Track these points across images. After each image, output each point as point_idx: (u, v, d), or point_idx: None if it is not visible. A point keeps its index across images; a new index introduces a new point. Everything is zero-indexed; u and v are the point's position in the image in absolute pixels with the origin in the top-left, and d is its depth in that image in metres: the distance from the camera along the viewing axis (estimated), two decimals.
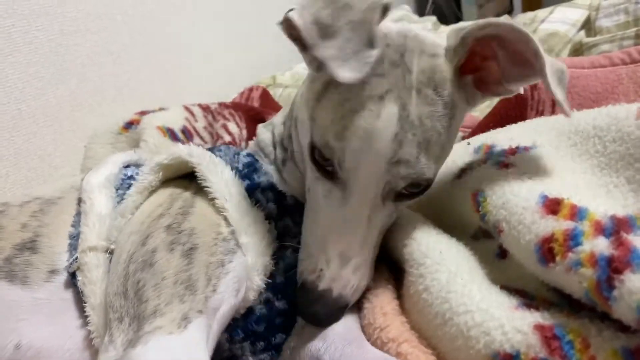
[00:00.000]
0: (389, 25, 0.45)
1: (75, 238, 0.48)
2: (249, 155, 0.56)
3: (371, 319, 0.44)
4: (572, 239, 0.32)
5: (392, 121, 0.41)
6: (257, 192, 0.50)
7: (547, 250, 0.34)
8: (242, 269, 0.43)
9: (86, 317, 0.43)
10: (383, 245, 0.49)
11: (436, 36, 0.46)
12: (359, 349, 0.42)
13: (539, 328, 0.33)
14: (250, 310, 0.45)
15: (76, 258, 0.46)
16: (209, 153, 0.51)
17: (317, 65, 0.45)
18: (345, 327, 0.45)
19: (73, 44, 1.19)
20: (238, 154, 0.56)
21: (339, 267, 0.44)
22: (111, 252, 0.46)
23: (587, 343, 0.31)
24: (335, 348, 0.43)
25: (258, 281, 0.45)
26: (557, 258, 0.33)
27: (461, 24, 0.48)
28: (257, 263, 0.45)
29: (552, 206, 0.35)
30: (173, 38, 1.44)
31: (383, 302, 0.46)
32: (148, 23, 1.30)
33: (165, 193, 0.49)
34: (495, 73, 0.46)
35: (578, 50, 0.97)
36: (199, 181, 0.47)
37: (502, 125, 0.58)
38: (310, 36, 0.38)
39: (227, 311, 0.41)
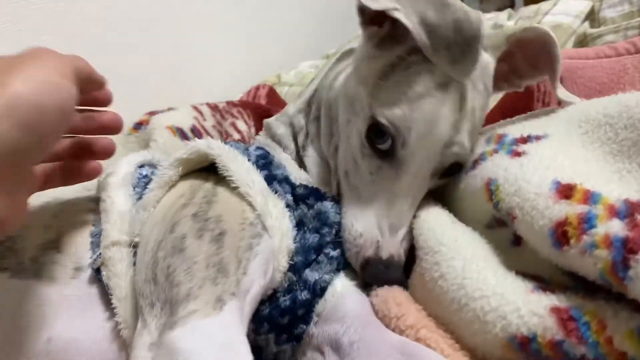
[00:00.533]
0: None
1: (97, 236, 0.48)
2: (259, 148, 0.56)
3: (385, 311, 0.44)
4: (587, 222, 0.33)
5: (454, 109, 0.47)
6: (275, 183, 0.51)
7: (561, 234, 0.34)
8: (269, 251, 0.44)
9: (113, 309, 0.43)
10: None
11: None
12: (378, 330, 0.43)
13: (555, 310, 0.34)
14: (274, 299, 0.46)
15: (99, 254, 0.46)
16: (227, 145, 0.52)
17: (378, 42, 0.50)
18: (363, 309, 0.46)
19: (79, 47, 1.20)
20: (247, 148, 0.57)
21: (392, 237, 0.48)
22: (134, 246, 0.47)
23: (603, 324, 0.32)
24: (354, 330, 0.43)
25: (284, 262, 0.46)
26: (572, 241, 0.33)
27: (495, 26, 0.56)
28: (282, 245, 0.46)
29: (565, 191, 0.36)
30: (179, 39, 1.44)
31: (395, 293, 0.46)
32: (154, 24, 1.31)
33: (184, 185, 0.50)
34: (505, 70, 0.54)
35: (582, 41, 0.97)
36: (219, 172, 0.48)
37: (509, 117, 0.59)
38: (420, 39, 0.44)
39: (257, 293, 0.42)
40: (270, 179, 0.51)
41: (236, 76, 1.47)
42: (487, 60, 0.51)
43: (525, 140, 0.46)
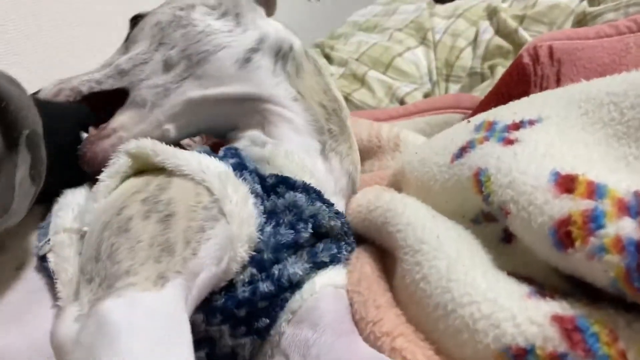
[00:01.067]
0: None
1: (44, 227, 0.45)
2: (228, 149, 0.52)
3: (363, 313, 0.41)
4: (593, 221, 0.28)
5: None
6: (245, 172, 0.46)
7: (564, 234, 0.30)
8: (224, 237, 0.40)
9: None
10: (374, 232, 0.46)
11: None
12: (349, 344, 0.39)
13: (558, 319, 0.29)
14: (231, 290, 0.42)
15: (48, 240, 0.43)
16: (174, 148, 0.47)
17: None
18: (338, 317, 0.42)
19: (56, 41, 1.15)
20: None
21: None
22: (83, 236, 0.43)
23: (614, 336, 0.28)
24: (324, 340, 0.40)
25: (242, 252, 0.41)
26: (577, 243, 0.29)
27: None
28: (241, 233, 0.41)
29: (566, 184, 0.31)
30: None
31: (376, 295, 0.42)
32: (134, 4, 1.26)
33: (139, 180, 0.45)
34: None
35: (582, 21, 0.93)
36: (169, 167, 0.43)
37: (504, 103, 0.54)
38: None
39: (207, 279, 0.38)
40: (240, 167, 0.46)
41: None
42: None
43: (517, 126, 0.41)
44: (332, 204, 0.49)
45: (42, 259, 0.43)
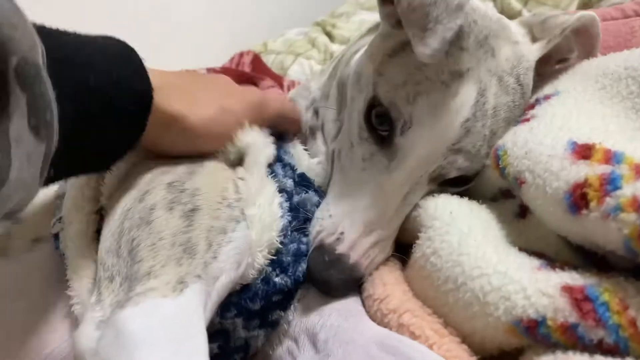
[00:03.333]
0: (477, 2, 0.42)
1: (62, 197, 0.44)
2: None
3: (371, 291, 0.41)
4: (610, 183, 0.28)
5: (467, 105, 0.40)
6: (277, 165, 0.46)
7: (579, 196, 0.29)
8: (244, 242, 0.39)
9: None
10: None
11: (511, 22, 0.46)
12: (357, 324, 0.39)
13: (568, 289, 0.29)
14: (246, 285, 0.41)
15: (60, 218, 0.42)
16: None
17: (395, 22, 0.43)
18: (344, 301, 0.42)
19: (55, 14, 1.13)
20: None
21: (361, 235, 0.41)
22: (99, 211, 0.42)
23: (624, 304, 0.27)
24: (331, 324, 0.39)
25: (260, 258, 0.40)
26: (592, 204, 0.28)
27: (546, 14, 0.47)
28: (261, 239, 0.40)
29: (583, 151, 0.31)
30: (160, 5, 1.37)
31: (383, 272, 0.42)
32: None
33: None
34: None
35: (587, 3, 0.92)
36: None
37: None
38: None
39: (226, 283, 0.37)
40: (276, 159, 0.46)
41: (220, 44, 1.40)
42: (524, 51, 0.43)
43: (532, 105, 0.41)
44: None
45: (56, 236, 0.42)
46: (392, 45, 0.43)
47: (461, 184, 0.44)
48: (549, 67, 0.47)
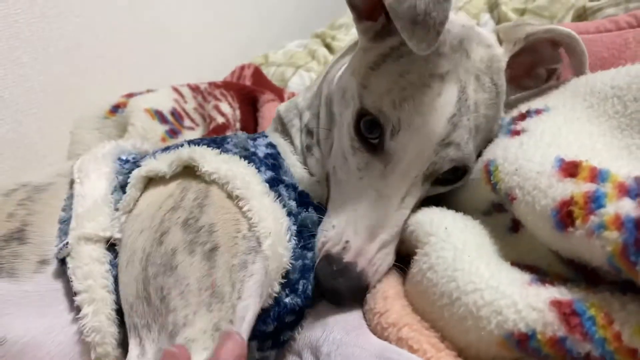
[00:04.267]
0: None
1: (66, 222, 0.44)
2: (270, 145, 0.53)
3: (372, 304, 0.42)
4: (594, 202, 0.29)
5: (451, 102, 0.42)
6: (281, 187, 0.46)
7: (565, 214, 0.31)
8: (263, 273, 0.40)
9: (78, 309, 0.40)
10: None
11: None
12: (358, 338, 0.40)
13: (556, 304, 0.30)
14: (260, 310, 0.42)
15: (66, 243, 0.42)
16: (212, 150, 0.47)
17: (372, 36, 0.46)
18: (346, 314, 0.43)
19: (56, 28, 1.15)
20: (255, 139, 0.53)
21: (365, 241, 0.43)
22: (112, 244, 0.43)
23: (610, 318, 0.29)
24: (333, 338, 0.41)
25: (276, 286, 0.41)
26: (577, 222, 0.30)
27: (517, 22, 0.51)
28: (279, 268, 0.41)
29: (570, 169, 0.32)
30: (160, 19, 1.39)
31: (385, 287, 0.43)
32: (134, 3, 1.25)
33: (172, 185, 0.45)
34: (519, 71, 0.49)
35: (582, 15, 0.93)
36: (210, 175, 0.43)
37: None
38: None
39: (253, 317, 0.39)
40: (276, 182, 0.47)
41: (221, 57, 1.42)
42: (496, 54, 0.45)
43: (524, 116, 0.43)
44: None
45: (62, 261, 0.42)
46: (374, 58, 0.45)
47: (451, 182, 0.46)
48: (532, 74, 0.51)
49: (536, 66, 0.51)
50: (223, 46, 1.52)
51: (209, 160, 0.44)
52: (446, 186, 0.46)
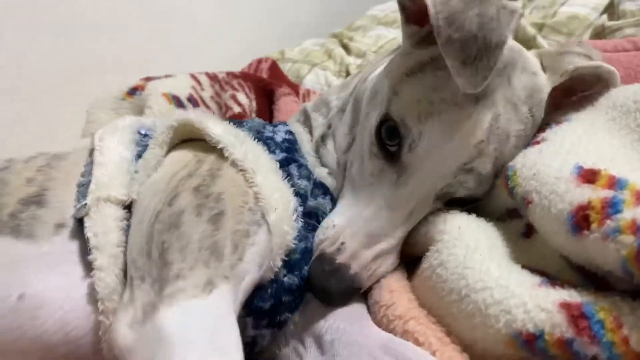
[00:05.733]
0: None
1: (84, 186, 0.45)
2: (289, 132, 0.54)
3: (377, 297, 0.42)
4: (611, 207, 0.30)
5: (481, 127, 0.41)
6: (292, 166, 0.47)
7: (581, 218, 0.31)
8: (266, 246, 0.41)
9: (92, 269, 0.41)
10: None
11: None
12: (362, 328, 0.41)
13: (565, 306, 0.31)
14: (257, 287, 0.43)
15: (85, 204, 0.43)
16: (238, 127, 0.48)
17: (416, 42, 0.45)
18: (349, 306, 0.43)
19: (78, 11, 1.16)
20: (275, 126, 0.54)
21: (362, 246, 0.43)
22: (128, 206, 0.44)
23: (619, 322, 0.29)
24: (337, 326, 0.41)
25: (279, 262, 0.42)
26: (593, 226, 0.30)
27: (561, 49, 0.49)
28: (282, 243, 0.42)
29: (589, 176, 0.33)
30: (179, 11, 1.40)
31: (390, 281, 0.44)
32: None
33: (189, 154, 0.47)
34: (557, 94, 0.46)
35: (600, 34, 0.94)
36: (223, 150, 0.45)
37: None
38: (436, 19, 0.38)
39: (250, 282, 0.39)
40: (288, 161, 0.48)
41: (238, 51, 1.43)
42: (540, 83, 0.44)
43: (543, 128, 0.43)
44: None
45: (80, 221, 0.43)
46: (412, 65, 0.45)
47: (467, 203, 0.45)
48: (567, 99, 0.48)
49: (576, 92, 0.49)
50: (240, 41, 1.53)
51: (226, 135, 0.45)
52: (460, 206, 0.45)
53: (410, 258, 0.46)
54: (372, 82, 0.51)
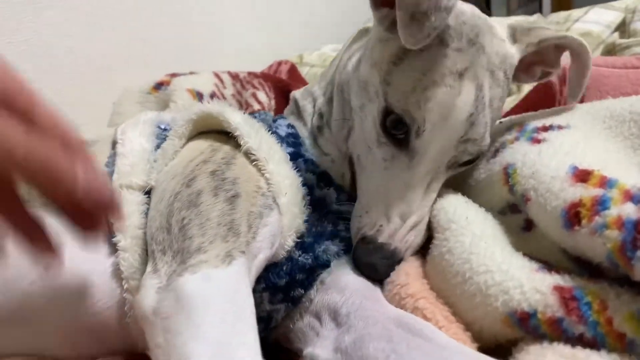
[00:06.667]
0: (463, 4, 0.47)
1: (108, 175, 0.49)
2: (290, 126, 0.58)
3: (394, 277, 0.46)
4: (600, 204, 0.33)
5: (469, 101, 0.45)
6: (300, 160, 0.51)
7: (573, 214, 0.35)
8: (277, 226, 0.45)
9: (116, 249, 0.44)
10: None
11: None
12: (375, 303, 0.44)
13: (558, 289, 0.35)
14: (274, 263, 0.47)
15: None
16: (252, 117, 0.53)
17: (389, 24, 0.47)
18: (364, 284, 0.47)
19: (107, 5, 1.21)
20: (275, 120, 0.58)
21: (398, 225, 0.47)
22: (147, 192, 0.48)
23: (604, 305, 0.32)
24: (352, 301, 0.45)
25: (290, 241, 0.47)
26: (583, 221, 0.34)
27: (534, 24, 0.55)
28: (292, 225, 0.47)
29: (582, 176, 0.37)
30: (204, 13, 1.44)
31: (407, 266, 0.47)
32: None
33: (204, 144, 0.50)
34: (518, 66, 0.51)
35: (611, 51, 0.97)
36: (237, 139, 0.49)
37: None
38: None
39: (262, 260, 0.43)
40: (295, 156, 0.52)
41: (258, 55, 1.48)
42: (510, 50, 0.48)
43: (546, 128, 0.47)
44: None
45: None
46: (395, 51, 0.47)
47: (467, 164, 0.50)
48: (530, 73, 0.55)
49: (535, 64, 0.54)
50: (260, 45, 1.57)
51: (243, 121, 0.50)
52: (465, 167, 0.51)
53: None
54: (355, 72, 0.53)
